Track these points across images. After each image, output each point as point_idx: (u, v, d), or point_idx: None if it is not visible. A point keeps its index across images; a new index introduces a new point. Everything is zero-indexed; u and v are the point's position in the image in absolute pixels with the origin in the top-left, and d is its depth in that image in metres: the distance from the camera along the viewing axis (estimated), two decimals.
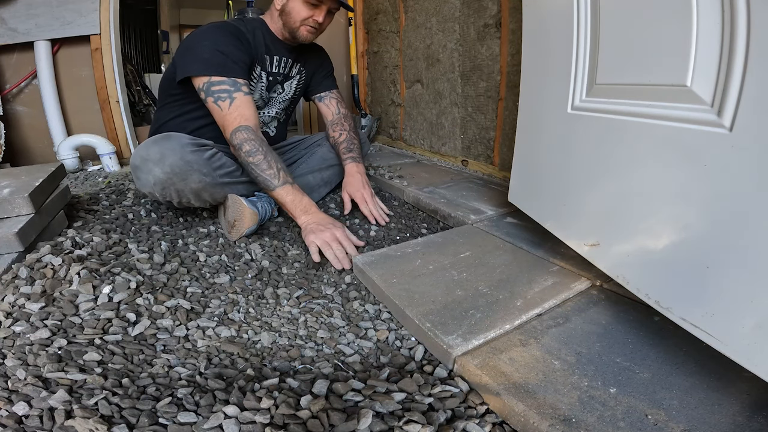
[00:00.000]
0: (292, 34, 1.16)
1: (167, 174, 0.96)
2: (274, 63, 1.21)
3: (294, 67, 1.29)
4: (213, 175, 1.03)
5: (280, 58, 1.22)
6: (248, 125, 1.04)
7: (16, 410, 0.49)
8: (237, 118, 1.03)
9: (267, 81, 1.23)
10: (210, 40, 1.05)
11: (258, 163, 1.02)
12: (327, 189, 1.42)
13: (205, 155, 1.02)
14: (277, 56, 1.21)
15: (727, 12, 0.48)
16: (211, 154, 1.04)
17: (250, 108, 1.06)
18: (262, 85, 1.22)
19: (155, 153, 0.96)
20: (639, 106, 0.63)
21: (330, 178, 1.42)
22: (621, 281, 0.67)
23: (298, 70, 1.31)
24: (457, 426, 0.52)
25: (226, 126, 1.04)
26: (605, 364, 0.59)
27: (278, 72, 1.24)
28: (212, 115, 1.08)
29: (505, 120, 1.51)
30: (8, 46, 1.66)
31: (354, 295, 0.87)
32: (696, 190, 0.53)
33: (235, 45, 1.07)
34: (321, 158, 1.41)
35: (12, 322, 0.67)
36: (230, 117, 1.03)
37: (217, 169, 1.05)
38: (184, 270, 0.91)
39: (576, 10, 0.74)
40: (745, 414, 0.50)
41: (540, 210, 0.94)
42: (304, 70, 1.33)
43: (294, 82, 1.31)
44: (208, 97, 1.05)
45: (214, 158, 1.04)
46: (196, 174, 0.99)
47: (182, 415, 0.51)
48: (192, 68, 1.05)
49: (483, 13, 1.51)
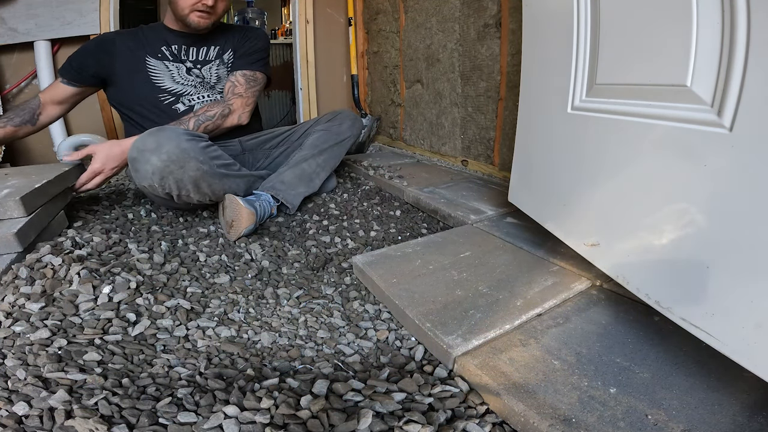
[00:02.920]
0: (183, 21, 1.21)
1: (164, 162, 0.97)
2: (173, 51, 1.27)
3: (210, 50, 1.33)
4: (210, 164, 1.04)
5: (180, 46, 1.28)
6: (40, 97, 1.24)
7: (16, 410, 0.49)
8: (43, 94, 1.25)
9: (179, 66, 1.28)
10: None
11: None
12: (325, 173, 1.40)
13: (200, 144, 1.04)
14: (176, 45, 1.28)
15: (727, 12, 0.48)
16: (206, 144, 1.06)
17: (58, 92, 1.25)
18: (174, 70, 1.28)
19: (151, 143, 0.97)
20: (639, 106, 0.63)
21: (325, 162, 1.40)
22: (621, 281, 0.67)
23: (216, 54, 1.34)
24: (457, 426, 0.52)
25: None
26: (605, 364, 0.59)
27: (185, 58, 1.29)
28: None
29: (505, 120, 1.51)
30: (8, 46, 1.66)
31: (354, 295, 0.87)
32: (696, 190, 0.53)
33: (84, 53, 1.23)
34: (312, 145, 1.38)
35: (12, 322, 0.66)
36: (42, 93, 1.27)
37: (214, 159, 1.06)
38: (184, 270, 0.91)
39: (576, 10, 0.74)
40: (745, 414, 0.50)
41: (540, 210, 0.94)
42: (226, 53, 1.35)
43: (214, 66, 1.34)
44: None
45: (210, 149, 1.07)
46: (193, 161, 1.00)
47: (182, 415, 0.51)
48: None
49: (483, 13, 1.51)
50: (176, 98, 1.28)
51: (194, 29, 1.23)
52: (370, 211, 1.35)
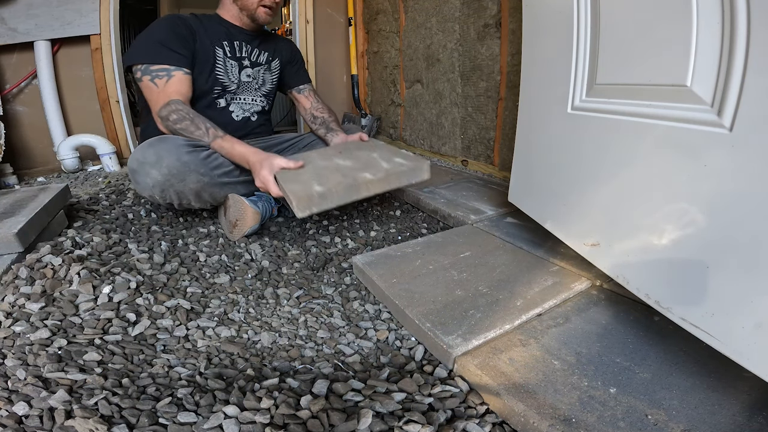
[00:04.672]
0: (251, 17, 1.19)
1: (165, 176, 0.97)
2: (234, 47, 1.24)
3: (261, 54, 1.31)
4: (211, 174, 1.03)
5: (240, 43, 1.25)
6: (179, 99, 1.08)
7: (16, 410, 0.49)
8: (172, 93, 1.08)
9: (234, 64, 1.25)
10: (149, 32, 1.11)
11: (185, 127, 1.06)
12: None
13: (201, 155, 1.02)
14: (237, 41, 1.24)
15: (727, 12, 0.48)
16: (207, 154, 1.04)
17: (186, 86, 1.11)
18: (230, 66, 1.24)
19: (151, 156, 0.97)
20: (639, 106, 0.63)
21: None
22: (621, 281, 0.67)
23: (266, 59, 1.33)
24: (457, 426, 0.52)
25: (160, 100, 1.07)
26: (605, 364, 0.59)
27: (242, 56, 1.27)
28: (146, 94, 1.11)
29: (505, 120, 1.51)
30: (8, 46, 1.65)
31: (354, 295, 0.87)
32: (696, 189, 0.53)
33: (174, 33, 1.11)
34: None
35: (12, 322, 0.66)
36: (165, 92, 1.07)
37: (215, 168, 1.05)
38: (184, 270, 0.91)
39: (576, 10, 0.74)
40: (745, 414, 0.50)
41: (540, 210, 0.94)
42: (274, 60, 1.35)
43: (264, 70, 1.33)
44: (144, 76, 1.08)
45: (211, 158, 1.05)
46: (193, 174, 1.00)
47: (182, 415, 0.51)
48: (131, 58, 1.09)
49: (483, 13, 1.51)
50: (222, 93, 1.26)
51: (260, 24, 1.23)
52: (370, 211, 1.35)
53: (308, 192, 0.82)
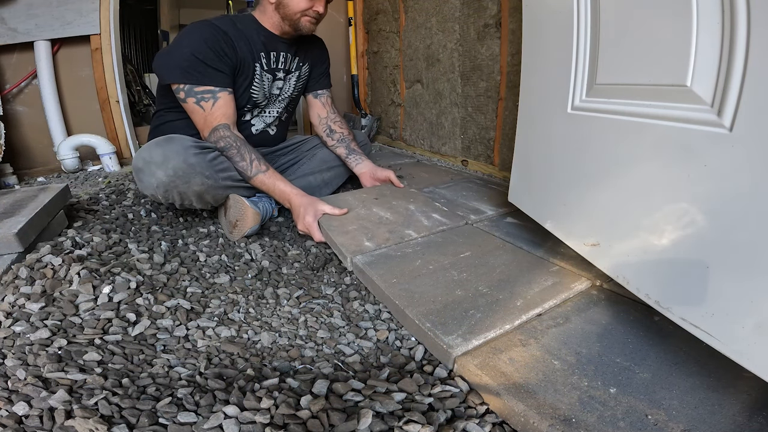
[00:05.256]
0: (294, 26, 1.14)
1: (170, 177, 0.97)
2: (271, 59, 1.20)
3: (293, 61, 1.27)
4: (215, 177, 1.03)
5: (278, 54, 1.21)
6: (227, 123, 1.09)
7: (16, 410, 0.49)
8: (219, 117, 1.08)
9: (269, 78, 1.22)
10: (190, 46, 1.04)
11: (231, 156, 1.07)
12: (328, 190, 1.43)
13: (207, 157, 1.02)
14: (274, 52, 1.20)
15: (727, 12, 0.48)
16: (213, 156, 1.04)
17: (232, 107, 1.11)
18: (266, 80, 1.21)
19: (158, 156, 0.96)
20: (639, 106, 0.63)
21: (331, 179, 1.42)
22: (621, 281, 0.67)
23: (297, 65, 1.29)
24: (457, 426, 0.52)
25: (207, 124, 1.08)
26: (605, 364, 0.59)
27: (277, 68, 1.23)
28: (191, 115, 1.10)
29: (505, 120, 1.51)
30: (8, 46, 1.65)
31: (354, 295, 0.87)
32: (696, 189, 0.53)
33: (215, 51, 1.06)
34: (321, 160, 1.42)
35: (12, 322, 0.67)
36: (213, 116, 1.08)
37: (220, 171, 1.05)
38: (184, 270, 0.91)
39: (576, 10, 0.74)
40: (745, 414, 0.50)
41: (540, 210, 0.94)
42: (304, 65, 1.32)
43: (294, 77, 1.30)
44: (188, 98, 1.07)
45: (217, 161, 1.05)
46: (198, 177, 0.99)
47: (182, 415, 0.51)
48: (173, 75, 1.06)
49: (483, 13, 1.51)
50: (252, 109, 1.24)
51: (304, 34, 1.17)
52: None
53: (360, 248, 0.94)
